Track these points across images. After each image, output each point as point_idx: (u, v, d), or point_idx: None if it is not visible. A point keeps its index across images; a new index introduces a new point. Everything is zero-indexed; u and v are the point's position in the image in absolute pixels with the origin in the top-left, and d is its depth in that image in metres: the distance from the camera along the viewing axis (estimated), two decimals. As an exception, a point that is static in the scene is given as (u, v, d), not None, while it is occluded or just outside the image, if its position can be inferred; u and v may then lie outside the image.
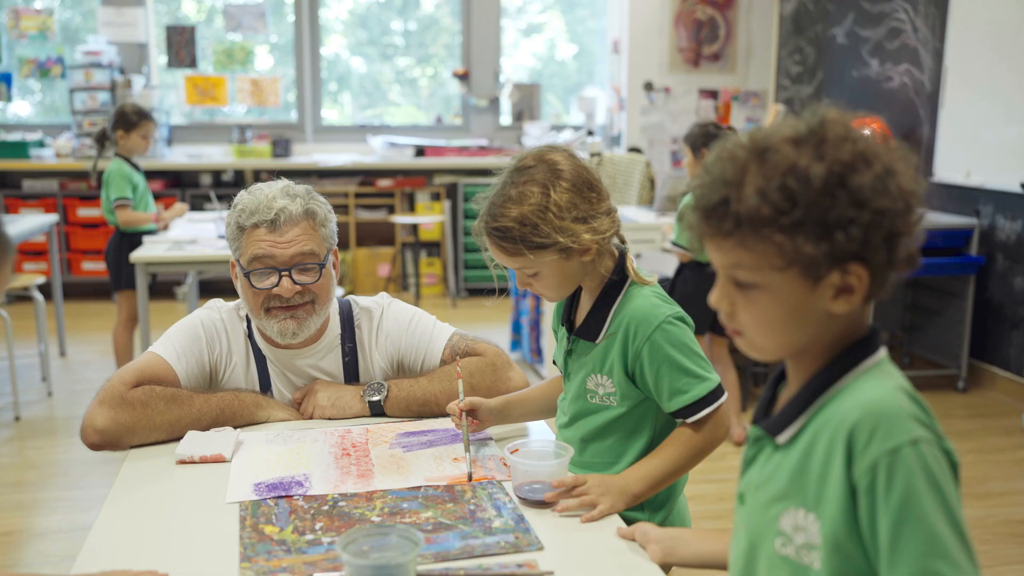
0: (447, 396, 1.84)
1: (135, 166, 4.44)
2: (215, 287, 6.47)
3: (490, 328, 5.81)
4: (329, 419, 1.85)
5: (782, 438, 0.98)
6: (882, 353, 0.96)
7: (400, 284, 6.85)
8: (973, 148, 4.70)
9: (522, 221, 1.47)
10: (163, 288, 6.62)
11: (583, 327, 1.61)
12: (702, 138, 3.99)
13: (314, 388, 1.88)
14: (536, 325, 5.00)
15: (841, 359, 0.95)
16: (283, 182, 1.86)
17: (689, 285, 3.98)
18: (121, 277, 4.30)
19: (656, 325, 1.51)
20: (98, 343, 5.49)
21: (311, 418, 1.86)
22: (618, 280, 1.58)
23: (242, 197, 1.83)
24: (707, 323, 3.93)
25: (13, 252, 1.03)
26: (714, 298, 0.98)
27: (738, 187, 0.91)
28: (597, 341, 1.58)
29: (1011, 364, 4.58)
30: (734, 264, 0.94)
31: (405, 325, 1.95)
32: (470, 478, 1.56)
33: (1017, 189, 4.36)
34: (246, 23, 6.94)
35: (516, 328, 5.32)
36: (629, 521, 1.44)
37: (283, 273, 1.78)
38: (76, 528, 3.18)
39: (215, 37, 7.16)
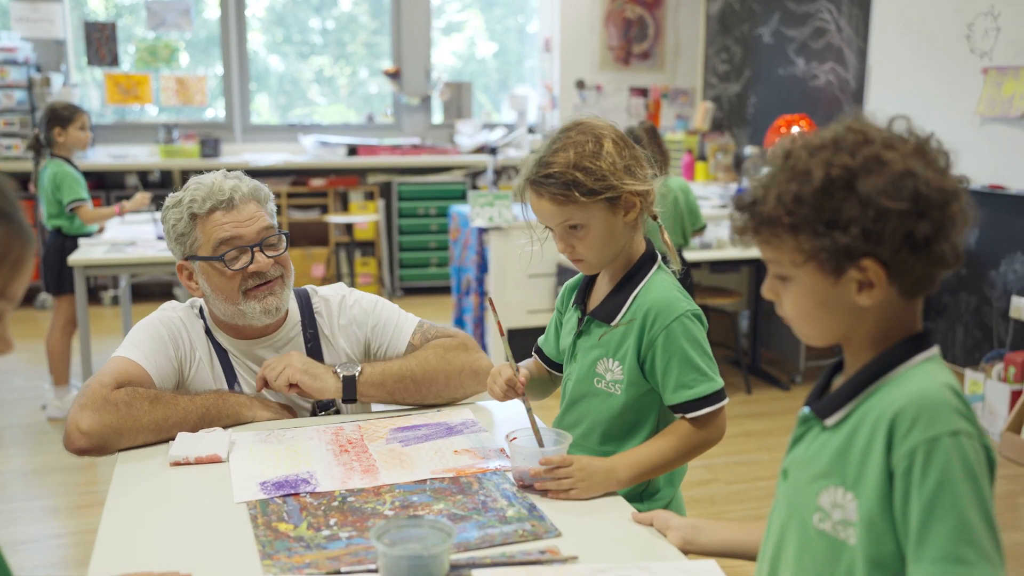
0: (423, 370, 1.83)
1: (74, 167, 4.30)
2: (146, 290, 6.30)
3: (431, 326, 5.77)
4: (298, 392, 1.79)
5: (830, 421, 1.03)
6: (934, 351, 1.01)
7: (335, 284, 6.77)
8: (897, 143, 4.88)
9: (575, 165, 1.49)
10: (89, 293, 6.39)
11: (600, 308, 1.62)
12: None
13: (290, 353, 1.83)
14: (480, 323, 5.00)
15: (892, 352, 1.00)
16: (219, 171, 1.87)
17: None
18: (63, 281, 4.16)
19: (675, 317, 1.54)
20: (25, 351, 5.28)
21: (279, 383, 1.77)
22: (640, 267, 1.60)
23: (185, 192, 1.81)
24: None
25: (32, 245, 0.99)
26: (764, 289, 1.06)
27: (766, 190, 1.00)
28: (613, 324, 1.59)
29: (937, 350, 4.78)
30: (767, 259, 1.03)
31: (371, 309, 1.96)
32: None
33: (940, 182, 4.56)
34: (170, 20, 6.77)
35: (459, 326, 5.33)
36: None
37: (254, 249, 1.78)
38: (24, 541, 3.07)
39: (134, 33, 6.96)
